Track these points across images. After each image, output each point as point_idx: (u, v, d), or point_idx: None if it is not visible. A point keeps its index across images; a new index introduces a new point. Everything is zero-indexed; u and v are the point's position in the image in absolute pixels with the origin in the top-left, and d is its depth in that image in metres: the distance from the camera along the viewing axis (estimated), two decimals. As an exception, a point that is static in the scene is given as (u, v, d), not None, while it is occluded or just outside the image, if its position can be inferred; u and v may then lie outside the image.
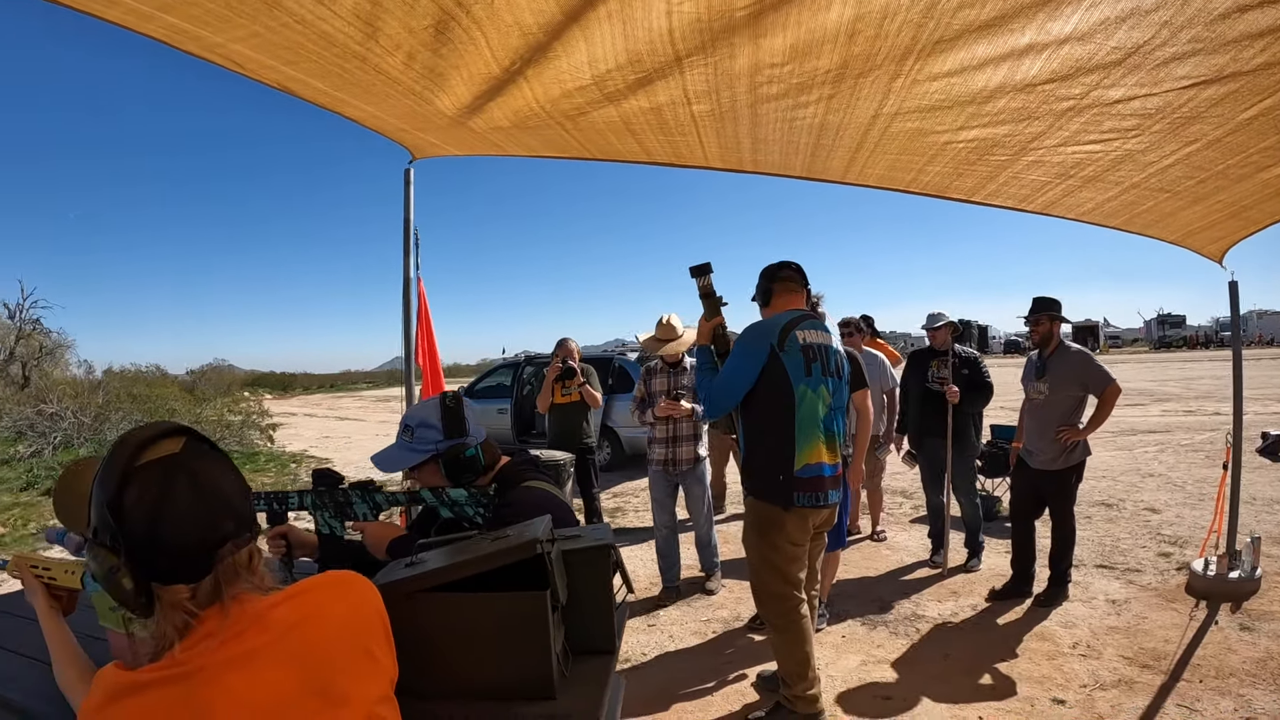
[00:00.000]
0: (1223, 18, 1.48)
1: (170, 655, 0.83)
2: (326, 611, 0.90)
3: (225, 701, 0.79)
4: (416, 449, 1.68)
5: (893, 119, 2.47)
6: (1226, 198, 2.79)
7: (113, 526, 0.83)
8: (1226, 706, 2.39)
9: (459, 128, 2.72)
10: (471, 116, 2.57)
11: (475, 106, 2.46)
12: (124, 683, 0.81)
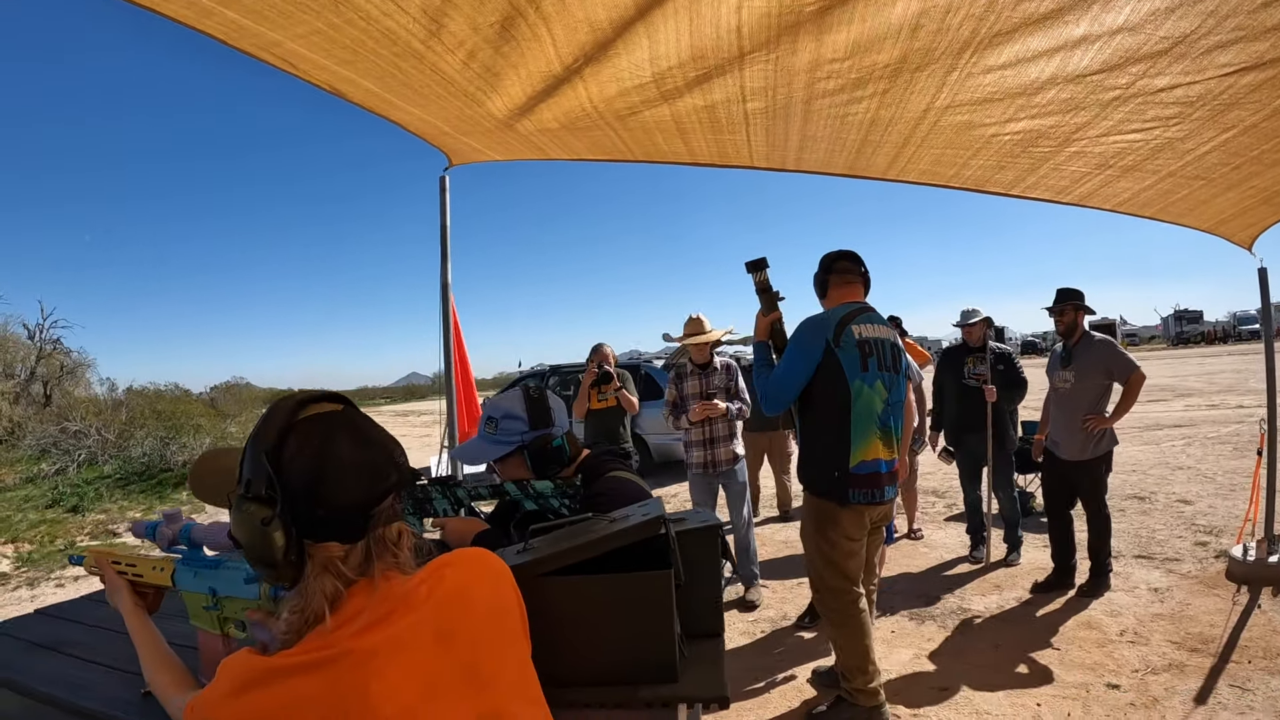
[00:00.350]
0: (1265, 6, 1.66)
1: (316, 635, 0.79)
2: (471, 591, 0.88)
3: (380, 686, 0.76)
4: (501, 441, 1.67)
5: (943, 113, 2.64)
6: (1260, 183, 2.95)
7: (270, 475, 0.81)
8: (1277, 685, 2.51)
9: (505, 130, 2.88)
10: (520, 118, 2.73)
11: (527, 108, 2.62)
12: (262, 668, 0.77)
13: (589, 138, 3.07)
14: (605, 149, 3.29)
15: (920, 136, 2.97)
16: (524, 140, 3.01)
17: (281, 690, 0.75)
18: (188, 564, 1.23)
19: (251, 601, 1.14)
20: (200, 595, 1.19)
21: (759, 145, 3.24)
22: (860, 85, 2.42)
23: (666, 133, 3.02)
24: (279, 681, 0.75)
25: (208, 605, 1.19)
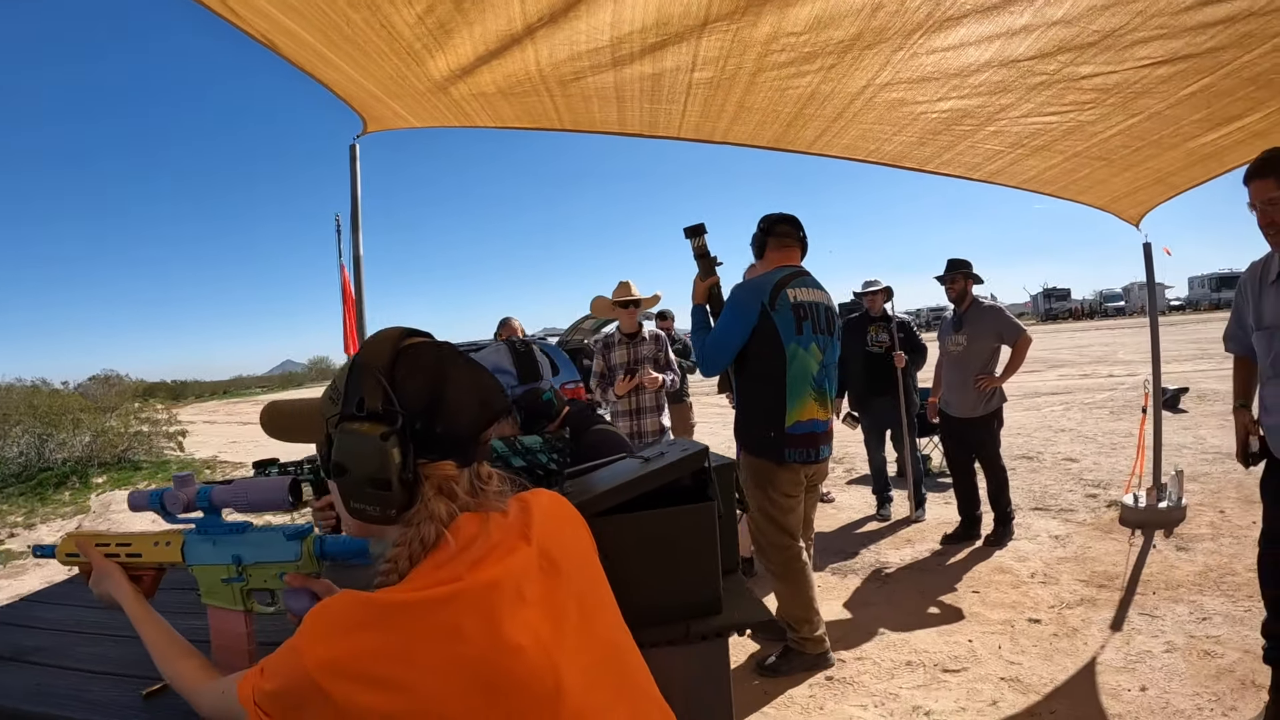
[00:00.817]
0: (1187, 10, 1.89)
1: (431, 568, 0.78)
2: (563, 527, 0.91)
3: (510, 618, 0.76)
4: None
5: (880, 89, 2.80)
6: (1155, 165, 3.34)
7: (388, 391, 0.81)
8: (1182, 611, 2.94)
9: (437, 94, 2.81)
10: (458, 81, 2.67)
11: (469, 69, 2.57)
12: (383, 604, 0.74)
13: (522, 104, 3.03)
14: (535, 116, 3.26)
15: (853, 112, 3.12)
16: (453, 105, 2.93)
17: (408, 627, 0.73)
18: (204, 533, 1.13)
19: (288, 564, 1.07)
20: (219, 568, 1.10)
21: (692, 116, 3.30)
22: (810, 60, 2.52)
23: (604, 100, 3.03)
24: (405, 617, 0.73)
25: (229, 578, 1.11)
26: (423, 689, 0.71)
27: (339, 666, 0.71)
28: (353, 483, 0.82)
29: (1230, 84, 2.30)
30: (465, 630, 0.74)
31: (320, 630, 0.74)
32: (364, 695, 0.71)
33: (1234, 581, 3.16)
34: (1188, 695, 2.30)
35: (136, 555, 1.14)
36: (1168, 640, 2.69)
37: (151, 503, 1.15)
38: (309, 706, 0.72)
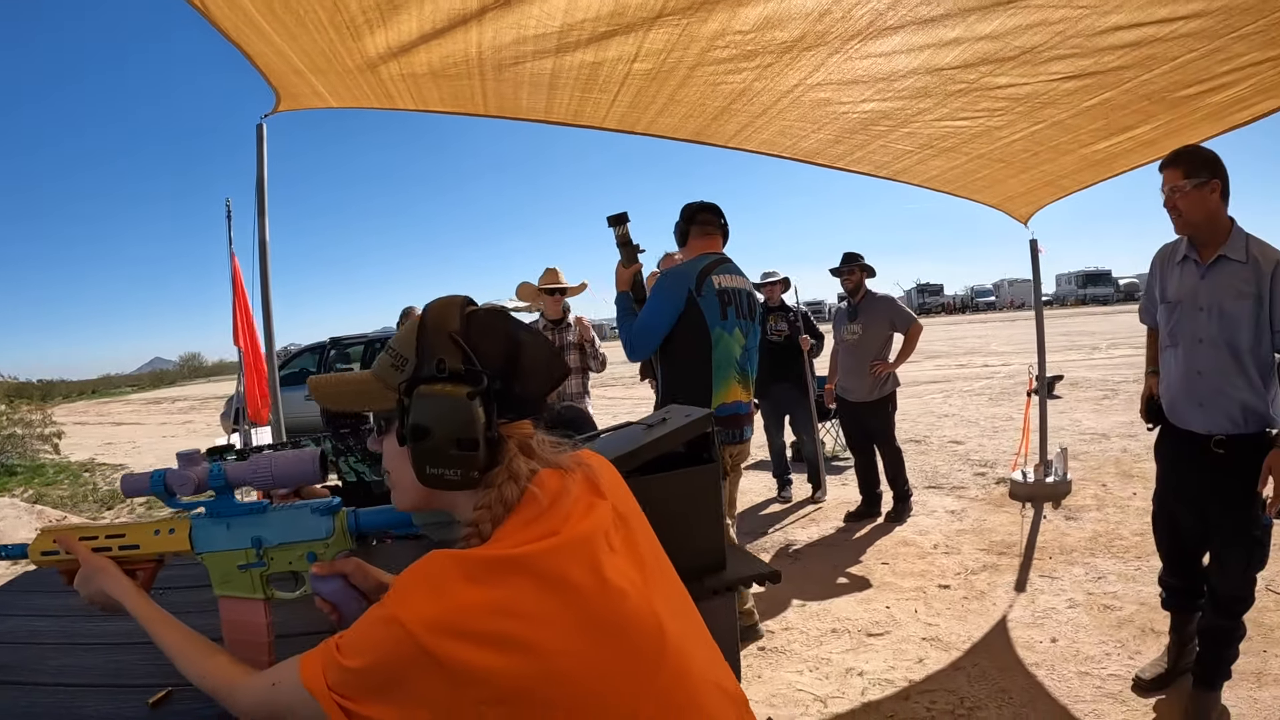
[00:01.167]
0: (1100, 33, 2.15)
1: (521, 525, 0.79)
2: (617, 479, 0.94)
3: (610, 565, 0.79)
4: None
5: (810, 89, 2.97)
6: (1049, 169, 3.72)
7: (467, 352, 0.82)
8: (1078, 572, 3.32)
9: (365, 72, 2.75)
10: (392, 59, 2.63)
11: (407, 48, 2.54)
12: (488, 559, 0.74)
13: (451, 88, 3.00)
14: (460, 101, 3.23)
15: (779, 109, 3.30)
16: (378, 85, 2.86)
17: (517, 581, 0.73)
18: (216, 516, 1.06)
19: (317, 543, 1.03)
20: (235, 554, 1.04)
21: (620, 106, 3.37)
22: (750, 58, 2.65)
23: (536, 87, 3.05)
24: (514, 571, 0.74)
25: (247, 563, 1.05)
26: (537, 643, 0.71)
27: (447, 625, 0.70)
28: (435, 446, 0.81)
29: (1128, 99, 2.62)
30: (573, 579, 0.75)
31: (421, 590, 0.72)
32: (476, 654, 0.69)
33: (1122, 545, 3.60)
34: (1094, 643, 2.63)
35: (132, 547, 1.06)
36: (1069, 598, 3.04)
37: (153, 486, 1.06)
38: (409, 679, 0.70)
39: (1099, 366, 11.70)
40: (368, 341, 8.86)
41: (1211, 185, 2.02)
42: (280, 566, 1.04)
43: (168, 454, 10.46)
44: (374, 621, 0.73)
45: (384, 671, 0.71)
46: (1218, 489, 2.06)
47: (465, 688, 0.69)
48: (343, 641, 0.74)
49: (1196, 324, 2.09)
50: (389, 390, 0.85)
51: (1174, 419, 2.17)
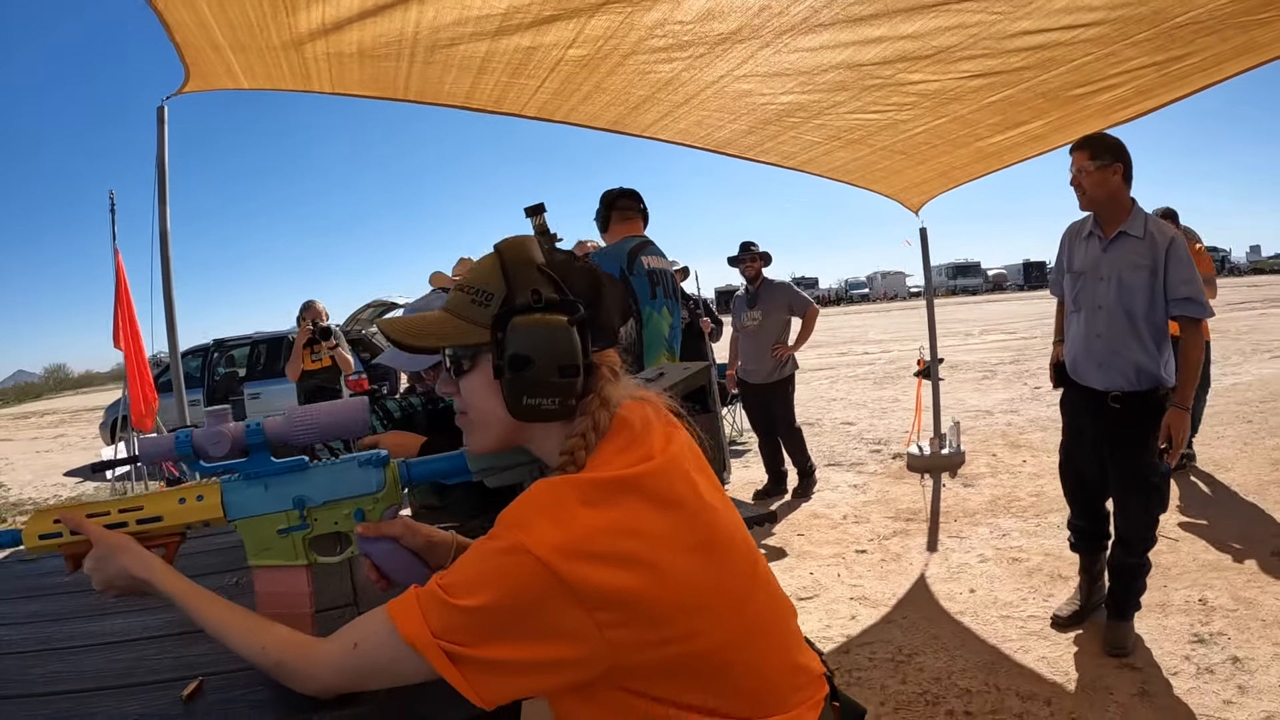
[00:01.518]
0: (1010, 36, 2.45)
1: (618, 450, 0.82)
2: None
3: (706, 489, 0.84)
4: None
5: (735, 80, 3.17)
6: (945, 160, 4.11)
7: (558, 282, 0.85)
8: (983, 532, 3.72)
9: (290, 50, 2.72)
10: (321, 38, 2.62)
11: (342, 24, 2.53)
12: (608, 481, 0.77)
13: (375, 69, 2.99)
14: (381, 85, 3.22)
15: (701, 99, 3.48)
16: (299, 65, 2.83)
17: (630, 501, 0.76)
18: (253, 477, 1.00)
19: (366, 498, 1.00)
20: (274, 517, 0.99)
21: (544, 94, 3.45)
22: (683, 48, 2.81)
23: (464, 71, 3.09)
24: (627, 492, 0.77)
25: (288, 527, 1.00)
26: (656, 561, 0.75)
27: (576, 548, 0.72)
28: (537, 374, 0.82)
29: (1026, 96, 2.98)
30: (680, 497, 0.80)
31: (542, 517, 0.74)
32: (605, 575, 0.72)
33: (1020, 505, 4.05)
34: (1009, 591, 2.99)
35: (153, 520, 0.98)
36: (979, 554, 3.42)
37: (179, 448, 0.98)
38: (538, 610, 0.72)
39: (975, 350, 12.77)
40: (252, 343, 8.60)
41: (1114, 168, 2.34)
42: (325, 528, 1.01)
43: (45, 468, 9.71)
44: (492, 554, 0.74)
45: (511, 605, 0.72)
46: (1115, 440, 2.41)
47: (593, 612, 0.72)
48: (448, 582, 0.75)
49: (1097, 292, 2.42)
50: (475, 326, 0.86)
51: (1076, 377, 2.52)
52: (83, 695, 1.04)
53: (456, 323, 0.88)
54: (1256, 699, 2.05)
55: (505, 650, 0.72)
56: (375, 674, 0.79)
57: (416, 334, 0.89)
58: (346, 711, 0.90)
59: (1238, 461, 4.55)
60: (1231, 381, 7.53)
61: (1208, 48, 2.49)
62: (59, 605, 1.44)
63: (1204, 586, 2.81)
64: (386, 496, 1.01)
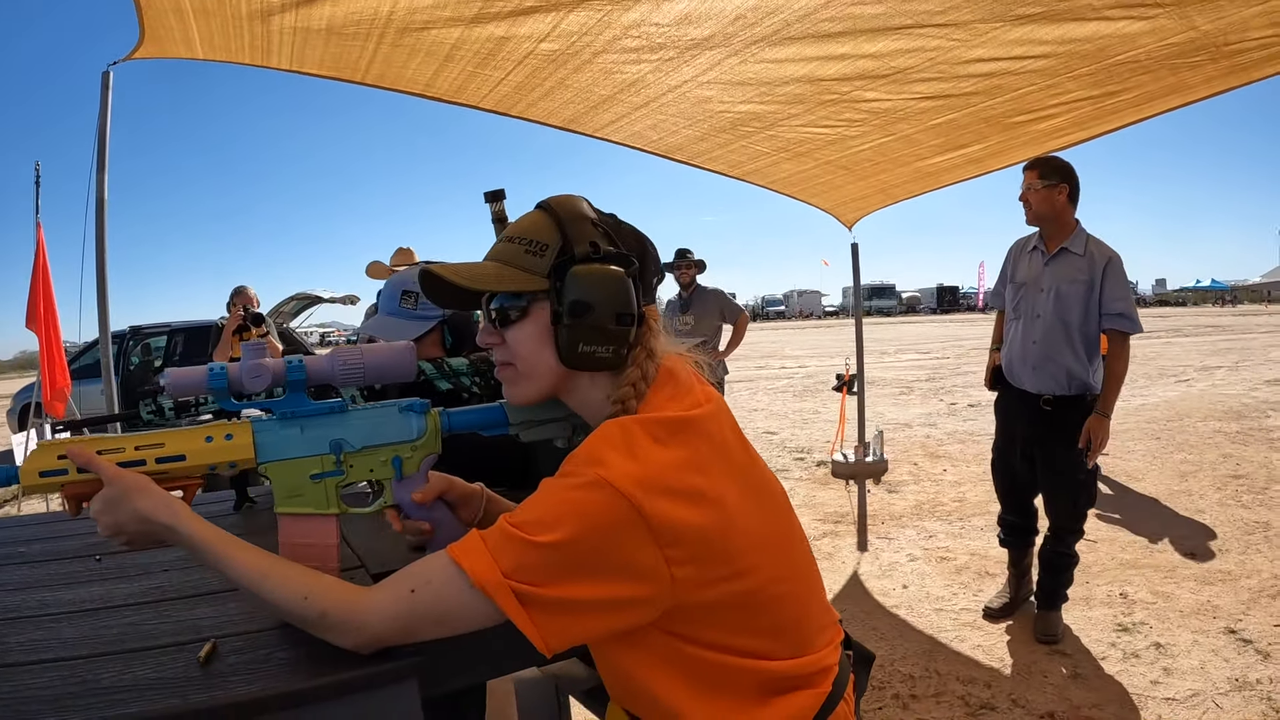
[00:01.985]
0: (964, 62, 2.62)
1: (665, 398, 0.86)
2: None
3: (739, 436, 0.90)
4: (422, 316, 1.75)
5: (698, 85, 3.26)
6: (885, 177, 4.31)
7: (612, 238, 0.90)
8: (910, 533, 3.91)
9: (256, 21, 2.67)
10: (293, 10, 2.57)
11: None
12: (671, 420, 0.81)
13: (338, 49, 2.95)
14: (340, 65, 3.18)
15: (661, 103, 3.56)
16: (262, 37, 2.77)
17: (693, 441, 0.81)
18: (289, 417, 0.96)
19: (404, 445, 0.97)
20: (307, 461, 0.95)
21: (506, 87, 3.47)
22: (655, 50, 2.88)
23: (429, 57, 3.08)
24: (690, 432, 0.82)
25: (322, 472, 0.95)
26: (719, 497, 0.79)
27: (653, 482, 0.75)
28: (595, 322, 0.85)
29: (969, 120, 3.17)
30: (729, 442, 0.86)
31: (618, 452, 0.77)
32: (677, 509, 0.76)
33: (944, 510, 4.28)
34: (940, 587, 3.16)
35: (175, 459, 0.91)
36: (908, 553, 3.60)
37: (213, 382, 0.92)
38: (617, 544, 0.74)
39: (891, 368, 13.34)
40: (170, 332, 8.22)
41: (1060, 188, 2.62)
42: (359, 475, 0.98)
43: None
44: (572, 489, 0.76)
45: (591, 540, 0.74)
46: (1045, 439, 2.63)
47: (664, 548, 0.75)
48: (522, 520, 0.76)
49: (1037, 302, 2.66)
50: (530, 274, 0.89)
51: (1011, 380, 2.75)
52: (75, 663, 0.95)
53: (511, 270, 0.90)
54: (1181, 679, 2.26)
55: (578, 589, 0.74)
56: (433, 622, 0.79)
57: (470, 278, 0.90)
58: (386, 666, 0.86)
59: (1148, 473, 4.95)
60: (1140, 403, 8.16)
61: (1140, 86, 2.73)
62: (18, 575, 1.36)
63: (1123, 582, 3.07)
64: (426, 445, 0.99)
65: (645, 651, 0.82)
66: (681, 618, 0.79)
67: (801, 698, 0.84)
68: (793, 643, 0.86)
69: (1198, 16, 2.31)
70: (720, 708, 0.82)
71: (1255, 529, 3.73)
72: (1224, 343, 16.35)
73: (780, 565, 0.85)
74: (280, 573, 0.85)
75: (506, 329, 0.92)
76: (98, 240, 3.13)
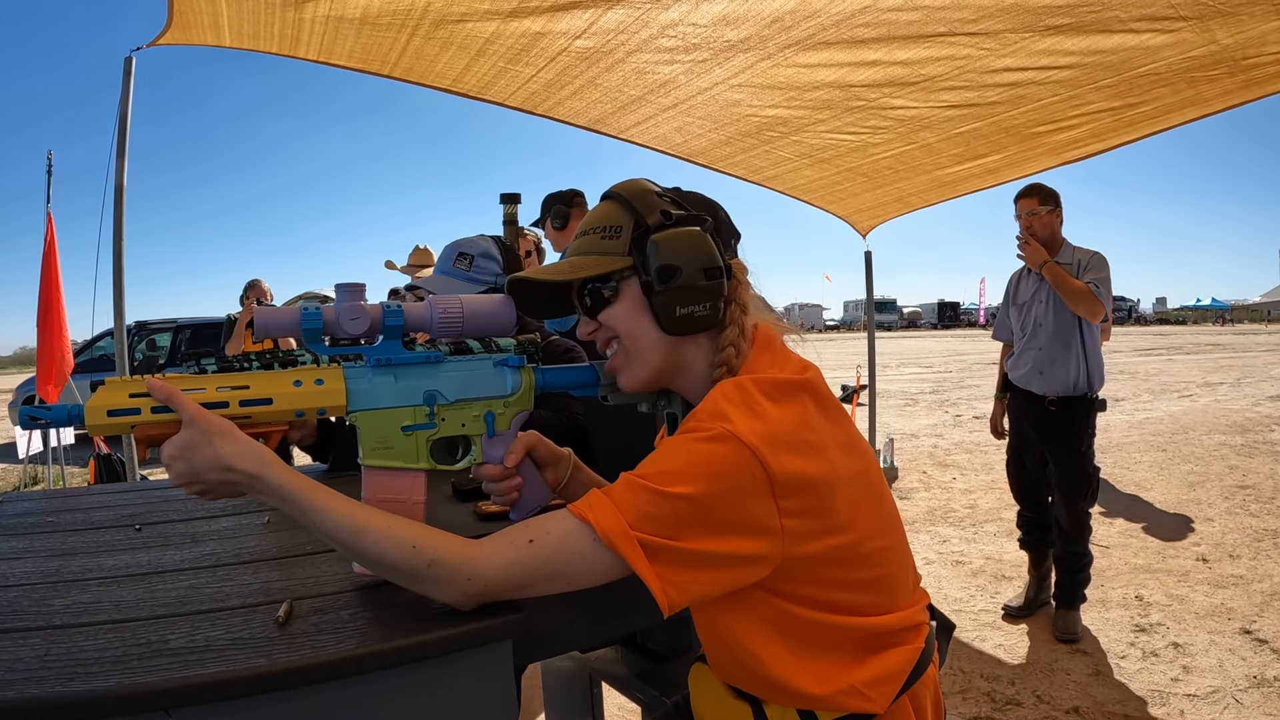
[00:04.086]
0: (992, 71, 2.69)
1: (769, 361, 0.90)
2: None
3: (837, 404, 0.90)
4: (475, 279, 1.77)
5: (728, 89, 3.32)
6: (903, 186, 4.38)
7: (679, 203, 0.92)
8: (925, 539, 3.96)
9: (288, 9, 2.72)
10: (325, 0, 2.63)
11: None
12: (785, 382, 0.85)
13: (370, 39, 3.00)
14: (369, 57, 3.23)
15: (689, 105, 3.63)
16: (294, 25, 2.81)
17: (803, 400, 0.85)
18: (384, 364, 0.92)
19: (496, 400, 0.97)
20: (400, 412, 0.92)
21: (537, 84, 3.52)
22: (690, 50, 2.94)
23: (461, 51, 3.13)
24: (801, 392, 0.85)
25: (414, 424, 0.92)
26: (830, 452, 0.83)
27: (776, 436, 0.78)
28: (686, 281, 0.88)
29: (991, 129, 3.24)
30: (831, 404, 0.89)
31: (741, 409, 0.80)
32: (795, 462, 0.78)
33: (956, 516, 4.33)
34: (958, 589, 3.21)
35: (260, 402, 0.86)
36: (923, 557, 3.65)
37: (306, 320, 0.86)
38: (745, 497, 0.76)
39: (895, 381, 13.40)
40: (176, 328, 8.23)
41: (1057, 211, 2.87)
42: (451, 429, 0.95)
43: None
44: (701, 442, 0.78)
45: (721, 492, 0.76)
46: (1052, 436, 2.81)
47: (782, 499, 0.77)
48: (652, 472, 0.78)
49: (1038, 312, 2.90)
50: (611, 255, 0.91)
51: (1021, 384, 2.94)
52: (134, 625, 0.89)
53: (593, 258, 0.92)
54: (1201, 676, 2.31)
55: (705, 542, 0.76)
56: (550, 575, 0.79)
57: (555, 272, 0.93)
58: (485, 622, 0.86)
59: (1156, 483, 5.02)
60: (1144, 416, 8.25)
61: (1159, 98, 2.80)
62: (52, 543, 1.32)
63: (1138, 586, 3.12)
64: (519, 401, 0.98)
65: (749, 611, 0.85)
66: (785, 574, 0.82)
67: (897, 654, 0.87)
68: (888, 597, 0.89)
69: (1219, 30, 2.39)
70: (820, 667, 0.85)
71: (1265, 536, 3.80)
72: (1225, 360, 16.44)
73: (876, 521, 0.88)
74: (382, 522, 0.82)
75: (601, 311, 0.93)
76: (115, 228, 3.16)
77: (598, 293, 0.92)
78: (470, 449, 0.98)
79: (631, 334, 0.92)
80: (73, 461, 5.78)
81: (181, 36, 2.94)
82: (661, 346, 0.92)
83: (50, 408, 0.84)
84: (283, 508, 0.82)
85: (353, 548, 0.82)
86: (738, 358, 0.90)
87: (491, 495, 1.01)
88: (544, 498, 1.04)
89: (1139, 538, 3.81)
